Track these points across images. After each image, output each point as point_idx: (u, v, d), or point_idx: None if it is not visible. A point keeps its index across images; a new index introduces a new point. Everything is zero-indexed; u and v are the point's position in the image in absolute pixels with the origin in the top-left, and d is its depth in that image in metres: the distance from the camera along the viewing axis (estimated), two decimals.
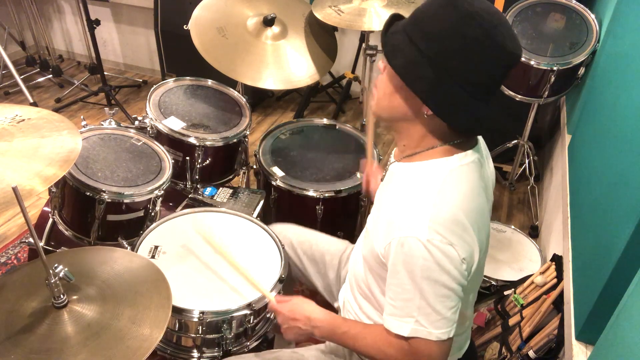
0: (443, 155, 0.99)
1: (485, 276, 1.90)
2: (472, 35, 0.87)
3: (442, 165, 0.98)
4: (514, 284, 1.82)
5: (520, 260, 2.02)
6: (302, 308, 1.13)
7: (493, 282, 1.89)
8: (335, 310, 1.26)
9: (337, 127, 2.07)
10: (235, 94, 2.06)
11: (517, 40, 0.92)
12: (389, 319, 0.97)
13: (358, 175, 1.80)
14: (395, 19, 1.01)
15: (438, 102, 0.93)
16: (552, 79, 2.11)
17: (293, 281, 1.52)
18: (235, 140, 1.86)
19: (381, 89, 1.01)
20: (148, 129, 1.82)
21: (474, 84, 0.92)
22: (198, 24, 1.89)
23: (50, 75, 3.69)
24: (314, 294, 1.42)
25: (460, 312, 0.97)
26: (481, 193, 1.01)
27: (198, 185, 1.83)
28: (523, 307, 1.68)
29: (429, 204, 0.93)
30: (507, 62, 0.92)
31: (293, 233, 1.50)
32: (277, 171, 1.80)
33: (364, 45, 2.36)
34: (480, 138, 1.09)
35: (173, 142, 1.79)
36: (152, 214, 1.61)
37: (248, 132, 1.93)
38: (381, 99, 1.02)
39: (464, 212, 0.93)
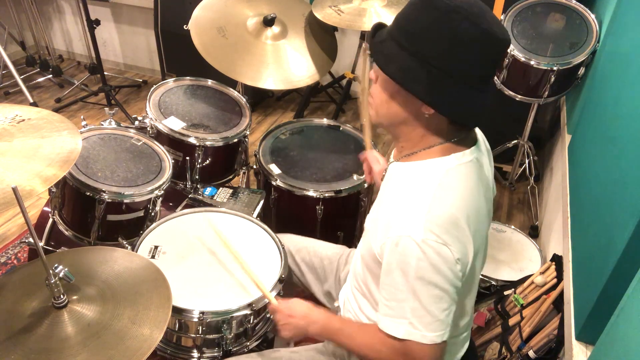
0: (441, 154, 0.99)
1: (485, 276, 1.90)
2: (459, 29, 0.87)
3: (439, 164, 0.98)
4: (514, 284, 1.82)
5: (520, 260, 2.02)
6: (299, 306, 1.15)
7: (493, 282, 1.89)
8: (335, 313, 1.26)
9: (340, 129, 2.07)
10: (235, 94, 2.06)
11: (501, 23, 0.92)
12: (383, 319, 0.97)
13: (355, 177, 1.80)
14: (377, 28, 1.01)
15: (440, 100, 0.93)
16: (552, 79, 2.11)
17: (292, 287, 1.53)
18: (235, 140, 1.86)
19: (378, 98, 1.01)
20: (148, 129, 1.82)
21: (470, 75, 0.92)
22: (198, 24, 1.89)
23: (50, 75, 3.69)
24: (313, 300, 1.42)
25: (460, 312, 0.97)
26: (479, 193, 1.01)
27: (198, 185, 1.83)
28: (523, 307, 1.68)
29: (425, 204, 0.92)
30: (499, 48, 0.92)
31: (290, 241, 1.50)
32: (274, 169, 1.80)
33: (364, 45, 2.36)
34: (481, 136, 1.09)
35: (173, 142, 1.78)
36: (152, 214, 1.61)
37: (248, 132, 1.93)
38: (379, 107, 1.02)
39: (460, 212, 0.93)
